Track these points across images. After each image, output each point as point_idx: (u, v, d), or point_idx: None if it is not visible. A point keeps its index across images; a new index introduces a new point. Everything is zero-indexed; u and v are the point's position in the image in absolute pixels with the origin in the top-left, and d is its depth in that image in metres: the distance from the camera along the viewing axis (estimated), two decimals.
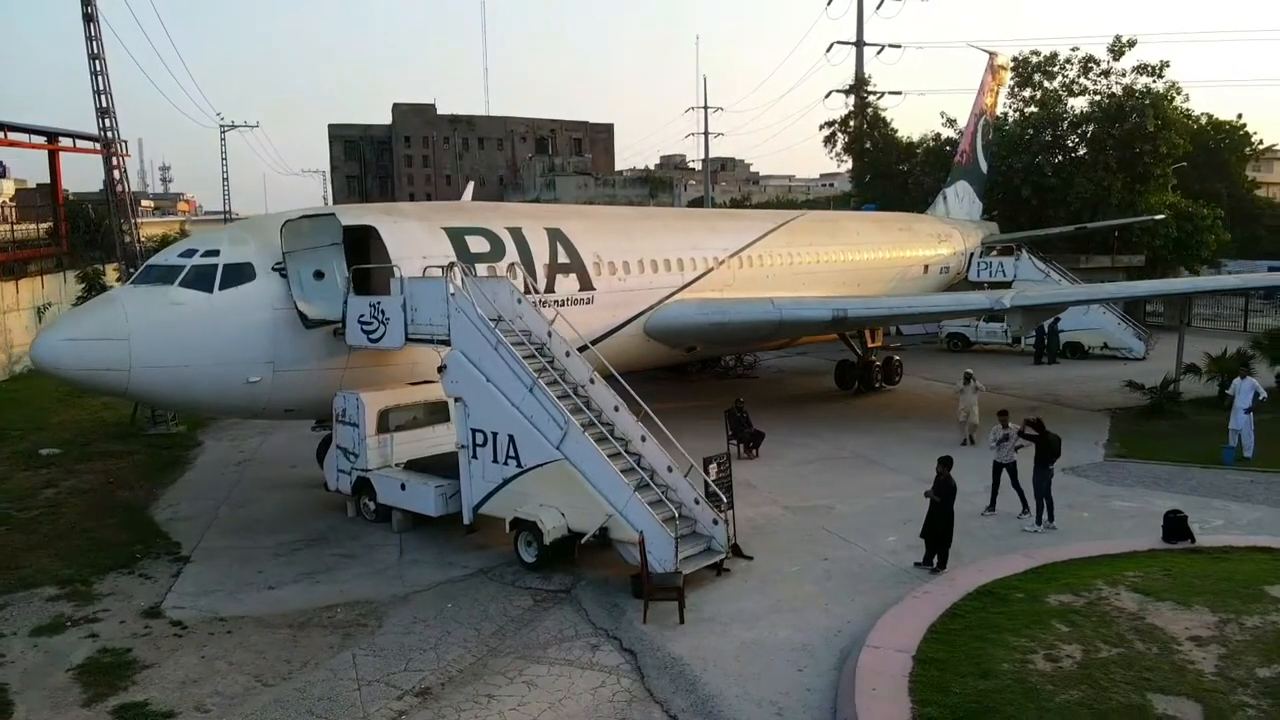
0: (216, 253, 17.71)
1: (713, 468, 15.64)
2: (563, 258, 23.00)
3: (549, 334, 17.10)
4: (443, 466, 17.95)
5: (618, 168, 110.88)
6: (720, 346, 29.35)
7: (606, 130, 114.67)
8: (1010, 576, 13.72)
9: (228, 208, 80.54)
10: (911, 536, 16.27)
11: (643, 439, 15.84)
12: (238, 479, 21.72)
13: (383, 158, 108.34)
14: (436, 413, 19.02)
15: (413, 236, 20.06)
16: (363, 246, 19.28)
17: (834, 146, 57.08)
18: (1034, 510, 17.02)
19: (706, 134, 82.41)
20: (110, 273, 45.17)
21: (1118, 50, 46.14)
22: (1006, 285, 37.43)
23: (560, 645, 12.78)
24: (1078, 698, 10.16)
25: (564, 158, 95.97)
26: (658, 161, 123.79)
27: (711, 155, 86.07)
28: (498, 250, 21.52)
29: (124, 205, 26.45)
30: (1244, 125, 64.71)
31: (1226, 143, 62.79)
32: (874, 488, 19.80)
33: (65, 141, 45.22)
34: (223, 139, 76.83)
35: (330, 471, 18.68)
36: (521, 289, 17.85)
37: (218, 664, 12.40)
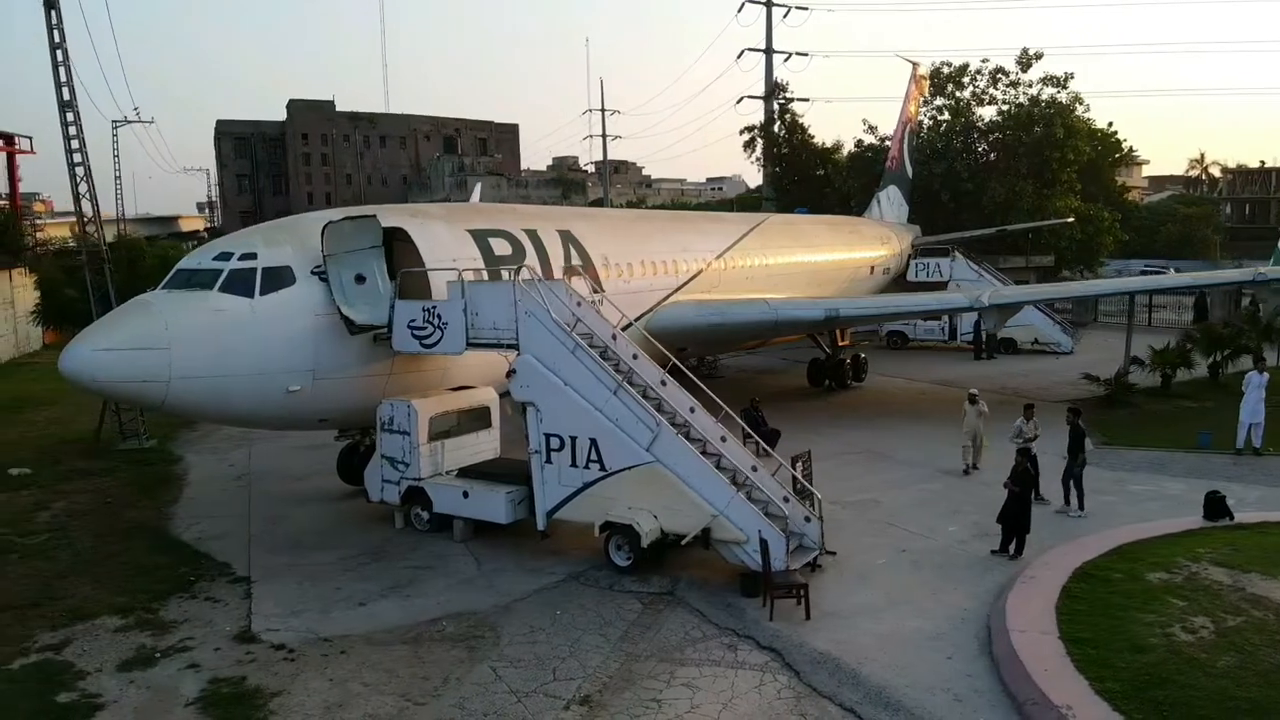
0: (254, 255, 16.86)
1: (799, 465, 15.90)
2: (575, 259, 22.83)
3: (614, 336, 17.00)
4: (500, 472, 17.64)
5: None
6: (711, 347, 29.69)
7: (511, 130, 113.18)
8: (1096, 559, 14.54)
9: (121, 209, 75.27)
10: (970, 525, 17.12)
11: (723, 439, 15.97)
12: (247, 494, 20.60)
13: (275, 155, 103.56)
14: (478, 419, 18.67)
15: (440, 239, 19.59)
16: (388, 249, 18.70)
17: (753, 151, 58.31)
18: (1073, 497, 17.94)
19: (605, 137, 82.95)
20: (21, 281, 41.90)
21: (1025, 62, 49.08)
22: (942, 286, 39.33)
23: (695, 646, 12.78)
24: (1234, 662, 10.95)
25: (472, 158, 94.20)
26: (550, 163, 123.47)
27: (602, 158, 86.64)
28: (519, 253, 21.19)
29: (96, 207, 24.59)
30: (1115, 132, 70.00)
31: (1099, 149, 67.67)
32: (901, 481, 20.48)
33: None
34: (115, 136, 71.90)
35: (373, 482, 17.96)
36: (584, 291, 17.71)
37: (351, 686, 11.83)
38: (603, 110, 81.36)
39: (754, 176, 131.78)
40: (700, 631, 13.23)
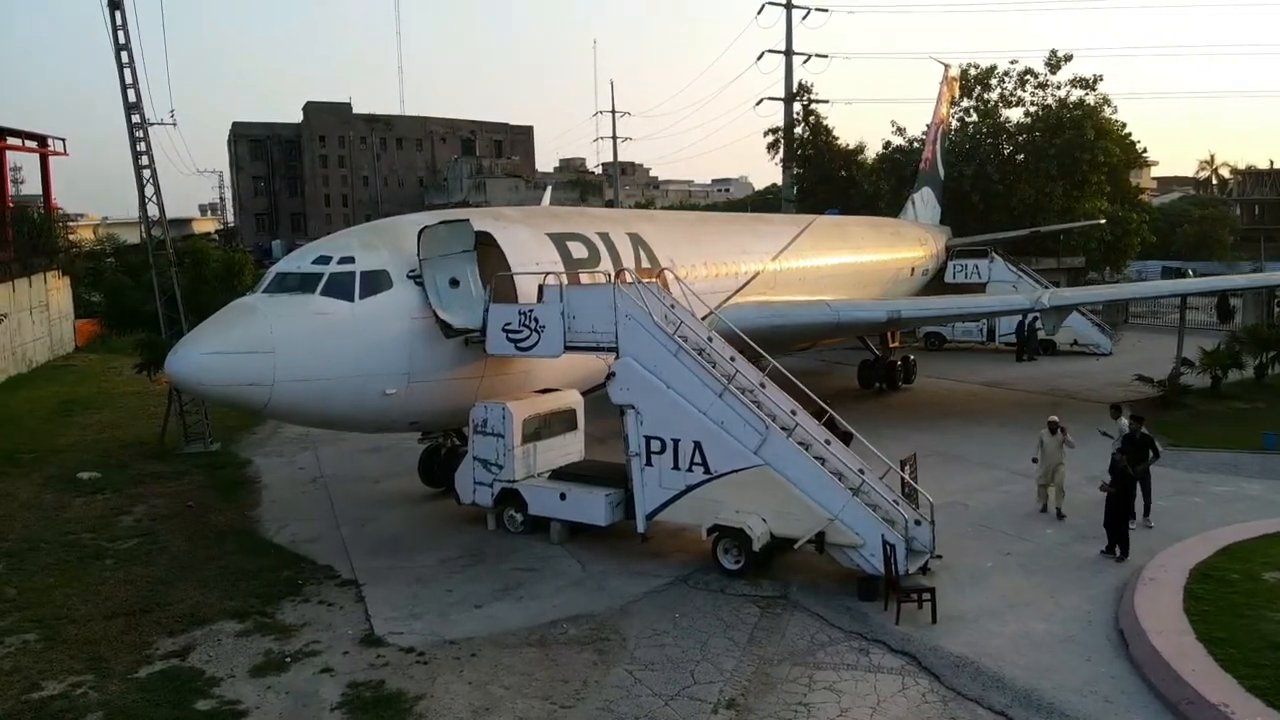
0: (352, 259, 16.90)
1: (906, 468, 15.91)
2: (645, 262, 22.85)
3: (709, 339, 17.03)
4: (591, 474, 17.67)
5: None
6: (769, 349, 29.50)
7: (525, 132, 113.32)
8: (1207, 559, 14.61)
9: (144, 212, 74.66)
10: (1066, 528, 17.23)
11: (827, 443, 16.01)
12: (326, 497, 20.58)
13: (291, 157, 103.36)
14: (565, 421, 18.68)
15: (524, 243, 19.68)
16: None
17: (777, 152, 58.28)
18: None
19: (615, 139, 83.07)
20: (55, 284, 41.81)
21: (1054, 64, 49.18)
22: (981, 288, 39.44)
23: (825, 650, 12.79)
24: None
25: (490, 160, 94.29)
26: (557, 164, 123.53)
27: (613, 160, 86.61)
28: (594, 255, 21.25)
29: (162, 211, 24.61)
30: (1129, 134, 70.18)
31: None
32: (982, 484, 20.46)
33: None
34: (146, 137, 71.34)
35: (464, 485, 17.95)
36: (677, 294, 17.75)
37: (493, 689, 11.84)
38: (613, 113, 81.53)
39: (761, 178, 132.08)
40: (826, 635, 13.25)
